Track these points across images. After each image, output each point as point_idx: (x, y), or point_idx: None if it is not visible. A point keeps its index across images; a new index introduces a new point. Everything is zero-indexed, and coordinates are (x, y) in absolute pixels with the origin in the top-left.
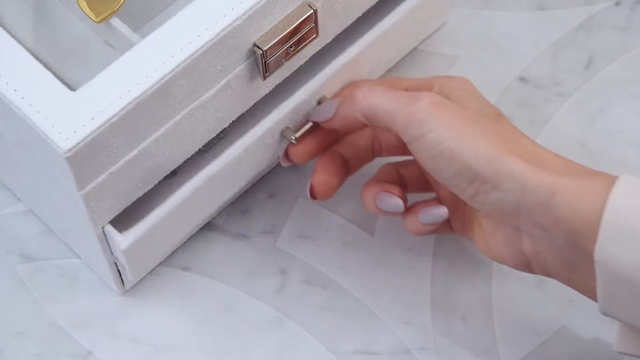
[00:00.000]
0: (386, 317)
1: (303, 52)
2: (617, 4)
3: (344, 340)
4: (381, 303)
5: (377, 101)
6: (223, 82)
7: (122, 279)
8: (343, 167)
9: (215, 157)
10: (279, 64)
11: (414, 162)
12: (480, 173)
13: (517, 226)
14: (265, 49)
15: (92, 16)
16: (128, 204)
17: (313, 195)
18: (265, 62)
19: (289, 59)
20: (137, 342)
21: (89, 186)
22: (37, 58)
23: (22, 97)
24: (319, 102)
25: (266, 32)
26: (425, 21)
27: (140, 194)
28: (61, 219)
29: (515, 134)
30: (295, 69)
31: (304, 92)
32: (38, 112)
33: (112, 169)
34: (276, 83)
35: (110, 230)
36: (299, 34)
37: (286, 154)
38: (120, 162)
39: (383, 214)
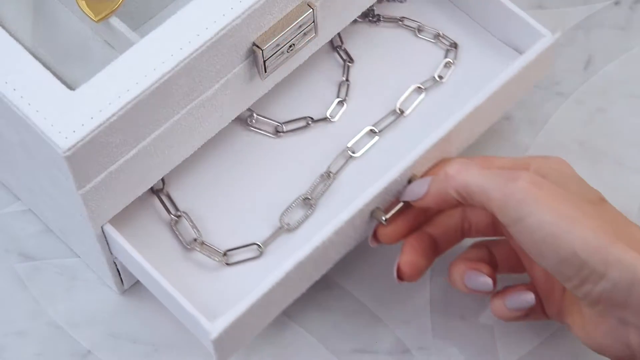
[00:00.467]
0: (385, 316)
1: (302, 51)
2: (616, 3)
3: (344, 340)
4: (380, 303)
5: (472, 178)
6: (222, 81)
7: (121, 278)
8: (431, 248)
9: (305, 240)
10: (278, 63)
11: (506, 242)
12: (588, 262)
13: (624, 318)
14: (264, 48)
15: (92, 15)
16: (128, 204)
17: (400, 277)
18: (264, 61)
19: (288, 58)
20: (136, 341)
21: (88, 186)
22: (36, 57)
23: (21, 97)
24: (410, 181)
25: (265, 32)
26: (521, 89)
27: (139, 193)
28: (60, 218)
29: (621, 220)
30: (294, 68)
31: (395, 172)
32: (37, 111)
33: (112, 168)
34: (275, 82)
35: (200, 317)
36: (298, 33)
37: (375, 235)
38: (120, 162)
39: (471, 292)
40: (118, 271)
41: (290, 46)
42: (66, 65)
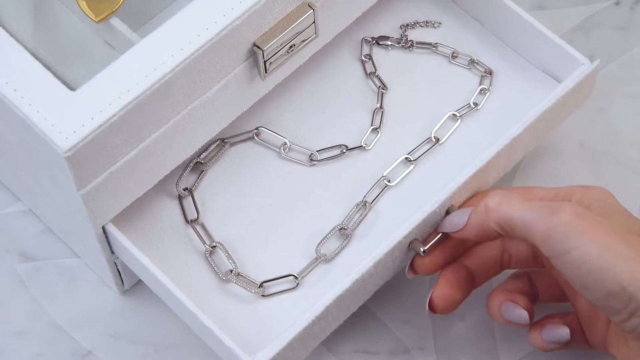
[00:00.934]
0: (386, 317)
1: (303, 51)
2: (617, 3)
3: (344, 340)
4: (381, 303)
5: (513, 210)
6: (223, 81)
7: (121, 278)
8: (467, 281)
9: (341, 271)
10: (278, 64)
11: (548, 271)
12: (635, 296)
13: None
14: (265, 48)
15: (92, 16)
16: (128, 204)
17: (432, 309)
18: (265, 61)
19: (288, 58)
20: (136, 341)
21: (88, 186)
22: (36, 58)
23: (22, 97)
24: (448, 212)
25: (266, 32)
26: (559, 118)
27: (140, 193)
28: (61, 218)
29: None
30: (295, 68)
31: (434, 203)
32: (38, 111)
33: (112, 168)
34: (276, 83)
35: (240, 352)
36: (299, 34)
37: (412, 266)
38: (120, 162)
39: (508, 324)
40: (119, 271)
41: (291, 47)
42: (67, 66)
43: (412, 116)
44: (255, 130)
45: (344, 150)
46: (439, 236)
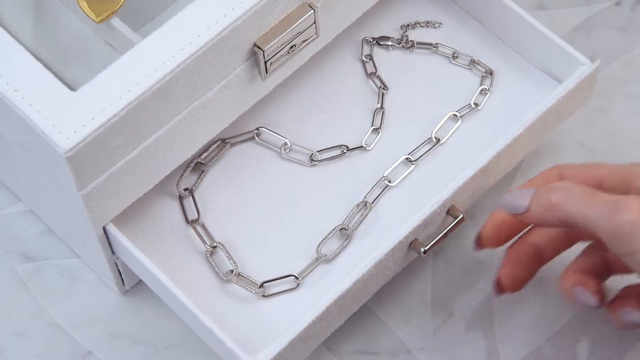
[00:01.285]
0: (386, 317)
1: (303, 52)
2: (617, 4)
3: (344, 340)
4: (381, 303)
5: (576, 208)
6: (223, 82)
7: (122, 278)
8: (535, 258)
9: (342, 271)
10: (279, 64)
11: None
12: None
13: None
14: (265, 49)
15: (93, 16)
16: (129, 204)
17: (500, 289)
18: (265, 62)
19: (289, 59)
20: (136, 342)
21: (89, 186)
22: (37, 58)
23: (23, 97)
24: (449, 212)
25: (266, 32)
26: (560, 118)
27: (141, 193)
28: (61, 218)
29: None
30: (295, 68)
31: (434, 203)
32: (38, 112)
33: (113, 169)
34: (277, 83)
35: (240, 352)
36: (300, 34)
37: (478, 240)
38: (121, 162)
39: (582, 307)
40: (119, 272)
41: (292, 47)
42: (67, 66)
43: (412, 116)
44: (255, 131)
45: (345, 151)
46: (439, 236)
